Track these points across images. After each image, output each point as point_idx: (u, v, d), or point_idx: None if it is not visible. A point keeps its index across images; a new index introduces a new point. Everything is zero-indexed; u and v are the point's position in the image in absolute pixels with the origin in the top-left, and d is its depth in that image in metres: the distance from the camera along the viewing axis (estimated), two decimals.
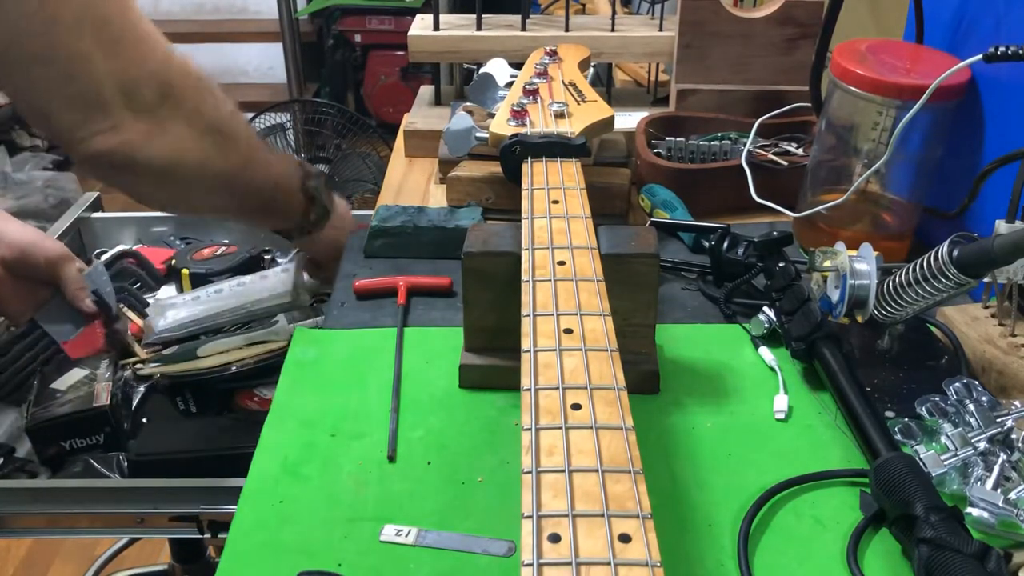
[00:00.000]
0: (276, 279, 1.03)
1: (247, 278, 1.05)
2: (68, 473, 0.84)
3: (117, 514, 0.80)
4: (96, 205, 1.25)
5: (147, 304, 1.00)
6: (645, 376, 0.76)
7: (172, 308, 1.02)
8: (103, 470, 0.84)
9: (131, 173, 0.75)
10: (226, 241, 1.16)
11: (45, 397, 0.87)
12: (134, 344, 0.99)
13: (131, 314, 1.00)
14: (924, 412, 0.72)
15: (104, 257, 1.16)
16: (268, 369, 0.92)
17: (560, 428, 0.49)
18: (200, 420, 0.92)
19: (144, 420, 0.91)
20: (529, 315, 0.60)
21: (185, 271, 1.08)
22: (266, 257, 1.15)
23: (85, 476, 0.83)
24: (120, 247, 1.19)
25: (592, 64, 1.23)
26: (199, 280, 1.07)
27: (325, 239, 0.99)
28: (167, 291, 1.11)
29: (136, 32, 0.72)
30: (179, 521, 0.80)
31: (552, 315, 0.59)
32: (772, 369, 0.79)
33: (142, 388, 0.94)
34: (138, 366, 0.96)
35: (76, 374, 0.90)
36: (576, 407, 0.51)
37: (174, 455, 0.84)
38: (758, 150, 1.08)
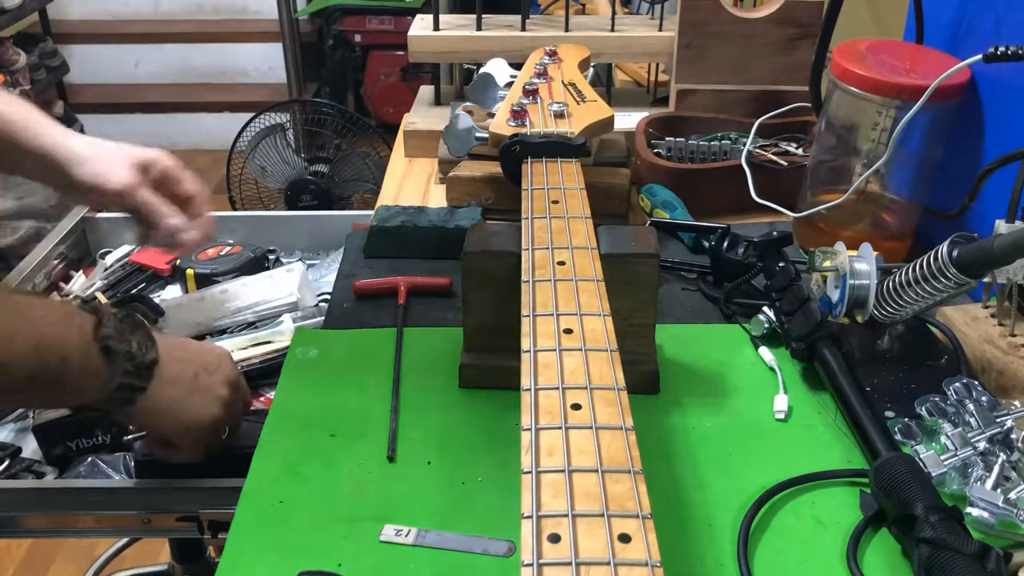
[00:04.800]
0: (281, 279, 1.03)
1: (252, 278, 1.05)
2: (74, 473, 0.84)
3: (124, 515, 0.80)
4: None
5: (162, 313, 1.00)
6: (645, 376, 0.76)
7: (177, 308, 1.02)
8: (109, 470, 0.84)
9: None
10: (231, 241, 1.16)
11: None
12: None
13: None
14: (924, 412, 0.72)
15: (111, 261, 1.17)
16: (273, 369, 0.92)
17: (560, 428, 0.49)
18: None
19: None
20: (529, 315, 0.60)
21: (190, 271, 1.08)
22: (271, 257, 1.15)
23: (91, 476, 0.83)
24: (125, 247, 1.20)
25: (592, 64, 1.23)
26: (204, 280, 1.07)
27: (160, 404, 0.68)
28: (172, 291, 1.11)
29: None
30: (180, 521, 0.80)
31: (552, 315, 0.60)
32: (772, 369, 0.79)
33: None
34: None
35: None
36: (576, 407, 0.51)
37: None
38: (758, 150, 1.08)
